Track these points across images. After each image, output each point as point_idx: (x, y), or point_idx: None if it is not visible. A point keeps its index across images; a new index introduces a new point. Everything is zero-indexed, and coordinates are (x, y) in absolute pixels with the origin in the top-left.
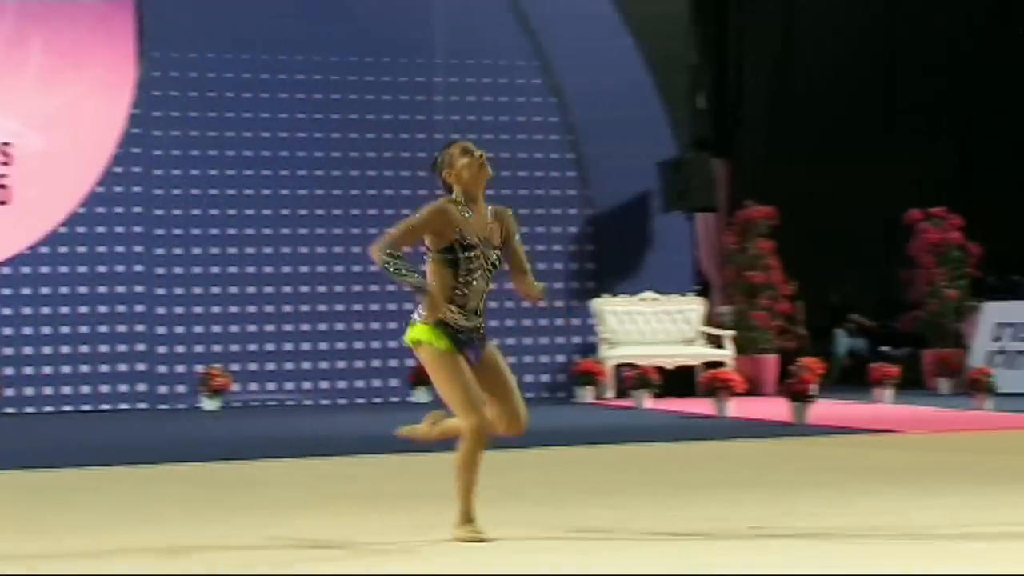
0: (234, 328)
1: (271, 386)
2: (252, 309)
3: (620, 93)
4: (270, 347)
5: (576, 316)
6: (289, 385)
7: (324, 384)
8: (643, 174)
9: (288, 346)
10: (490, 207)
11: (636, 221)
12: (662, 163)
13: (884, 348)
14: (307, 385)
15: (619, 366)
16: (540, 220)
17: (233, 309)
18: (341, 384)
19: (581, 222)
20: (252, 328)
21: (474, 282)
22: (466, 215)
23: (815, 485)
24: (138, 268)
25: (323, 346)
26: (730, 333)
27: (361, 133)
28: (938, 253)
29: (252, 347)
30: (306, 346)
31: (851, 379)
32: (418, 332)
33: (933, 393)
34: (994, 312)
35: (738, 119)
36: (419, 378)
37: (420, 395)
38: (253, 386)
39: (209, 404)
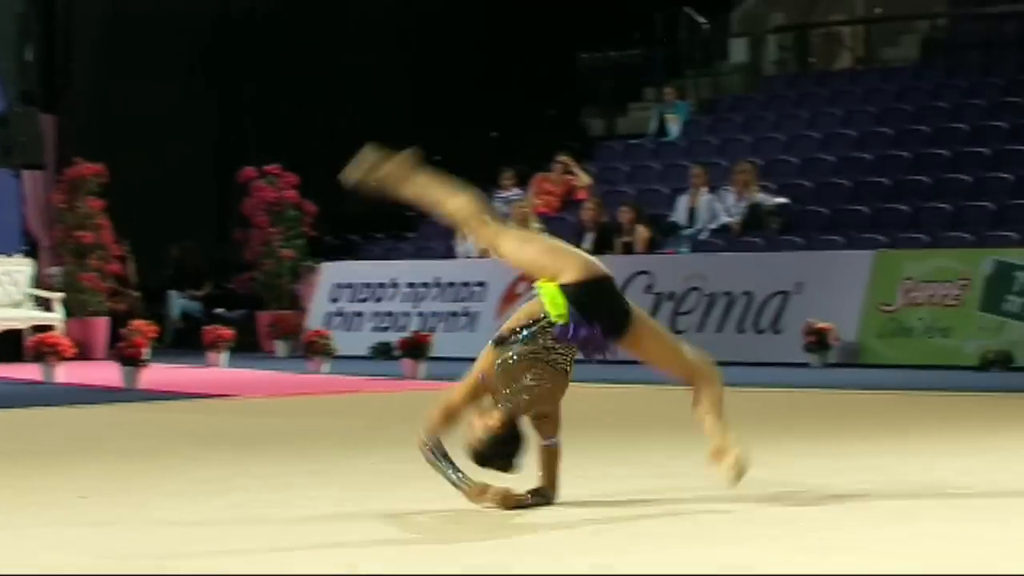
0: None
1: None
2: None
3: None
4: None
5: None
6: None
7: None
8: None
9: None
10: None
11: None
12: None
13: (219, 310)
14: None
15: None
16: None
17: None
18: None
19: None
20: None
21: None
22: None
23: (145, 452)
24: None
25: None
26: (59, 295)
27: None
28: (273, 212)
29: None
30: None
31: (186, 342)
32: None
33: (270, 356)
34: (331, 272)
35: (68, 72)
36: None
37: None
38: None
39: None
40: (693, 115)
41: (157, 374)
